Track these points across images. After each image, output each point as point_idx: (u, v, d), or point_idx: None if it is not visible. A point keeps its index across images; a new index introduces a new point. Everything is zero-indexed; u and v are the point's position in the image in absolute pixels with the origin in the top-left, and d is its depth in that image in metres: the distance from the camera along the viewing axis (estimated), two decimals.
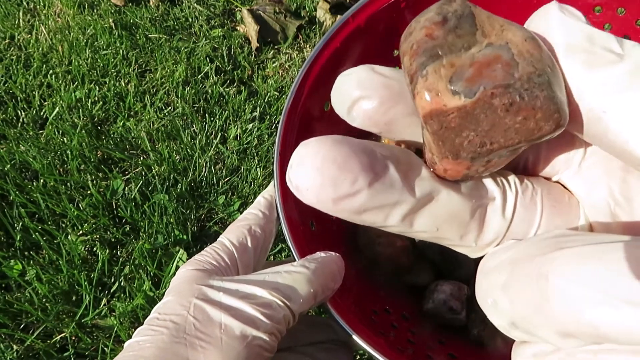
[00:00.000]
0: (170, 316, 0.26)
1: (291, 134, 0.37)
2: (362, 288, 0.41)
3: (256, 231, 0.32)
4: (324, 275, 0.29)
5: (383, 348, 0.30)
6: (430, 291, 0.43)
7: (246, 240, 0.32)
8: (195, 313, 0.26)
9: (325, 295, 0.29)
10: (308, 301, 0.28)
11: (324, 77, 0.39)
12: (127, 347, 0.26)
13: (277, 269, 0.29)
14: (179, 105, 0.84)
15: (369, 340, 0.30)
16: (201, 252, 0.31)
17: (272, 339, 0.26)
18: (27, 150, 0.78)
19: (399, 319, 0.42)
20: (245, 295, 0.27)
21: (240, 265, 0.31)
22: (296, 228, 0.34)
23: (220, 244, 0.31)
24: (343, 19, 0.39)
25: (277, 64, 0.93)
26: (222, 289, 0.27)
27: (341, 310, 0.31)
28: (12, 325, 0.62)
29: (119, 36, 0.95)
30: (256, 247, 0.32)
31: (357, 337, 0.30)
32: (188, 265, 0.30)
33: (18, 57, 0.92)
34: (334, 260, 0.30)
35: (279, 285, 0.28)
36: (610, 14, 0.43)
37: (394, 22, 0.43)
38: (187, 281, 0.28)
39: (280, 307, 0.27)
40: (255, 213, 0.34)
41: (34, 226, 0.69)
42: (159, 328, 0.25)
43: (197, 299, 0.27)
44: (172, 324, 0.25)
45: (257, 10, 0.97)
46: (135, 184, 0.74)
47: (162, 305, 0.27)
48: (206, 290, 0.27)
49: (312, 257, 0.30)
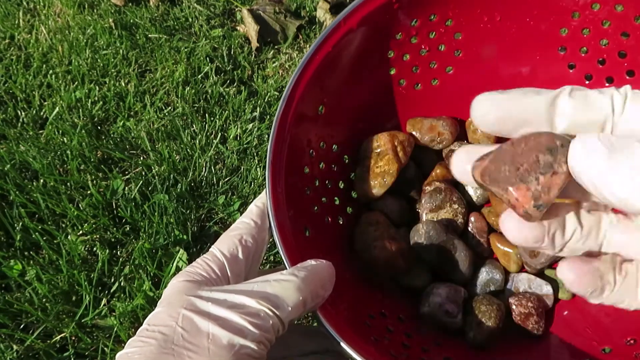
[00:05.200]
0: (159, 327, 0.26)
1: (283, 141, 0.37)
2: (358, 292, 0.41)
3: (247, 240, 0.33)
4: (314, 282, 0.29)
5: (373, 356, 0.30)
6: (427, 294, 0.43)
7: (237, 250, 0.32)
8: (184, 324, 0.26)
9: (315, 302, 0.29)
10: (297, 309, 0.28)
11: (317, 82, 0.39)
12: (117, 359, 0.26)
13: (267, 277, 0.29)
14: (179, 105, 0.85)
15: (358, 349, 0.30)
16: (192, 264, 0.31)
17: (260, 347, 0.26)
18: (27, 150, 0.78)
19: (395, 322, 0.42)
20: (234, 305, 0.27)
21: (231, 276, 0.31)
22: (288, 235, 0.34)
23: (211, 255, 0.32)
24: (335, 22, 0.39)
25: (277, 64, 0.93)
26: (211, 299, 0.28)
27: (331, 318, 0.31)
28: (12, 325, 0.62)
29: (119, 36, 0.95)
30: (247, 257, 0.32)
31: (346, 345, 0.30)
32: (179, 276, 0.30)
33: (18, 57, 0.92)
34: (324, 267, 0.31)
35: (267, 294, 0.28)
36: (608, 11, 0.42)
37: (387, 23, 0.43)
38: (177, 292, 0.29)
39: (269, 315, 0.27)
40: (247, 222, 0.34)
41: (34, 226, 0.69)
42: (148, 339, 0.26)
43: (185, 310, 0.27)
44: (161, 334, 0.26)
45: (257, 10, 0.97)
46: (135, 184, 0.74)
47: (152, 317, 0.27)
48: (195, 301, 0.27)
49: (301, 265, 0.30)
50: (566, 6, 0.43)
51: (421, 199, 0.48)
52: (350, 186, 0.48)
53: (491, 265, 0.46)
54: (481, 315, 0.42)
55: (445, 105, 0.51)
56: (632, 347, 0.39)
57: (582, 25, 0.44)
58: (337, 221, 0.45)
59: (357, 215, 0.47)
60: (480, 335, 0.42)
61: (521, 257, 0.45)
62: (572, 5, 0.43)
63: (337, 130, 0.46)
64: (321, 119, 0.43)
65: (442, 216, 0.44)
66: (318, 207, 0.42)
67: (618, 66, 0.45)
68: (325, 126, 0.44)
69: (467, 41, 0.47)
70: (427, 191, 0.47)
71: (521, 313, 0.42)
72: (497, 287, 0.45)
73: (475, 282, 0.46)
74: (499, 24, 0.46)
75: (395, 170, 0.46)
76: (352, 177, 0.48)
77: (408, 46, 0.46)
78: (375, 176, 0.46)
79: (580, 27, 0.44)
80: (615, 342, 0.40)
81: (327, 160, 0.45)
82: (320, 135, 0.43)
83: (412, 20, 0.44)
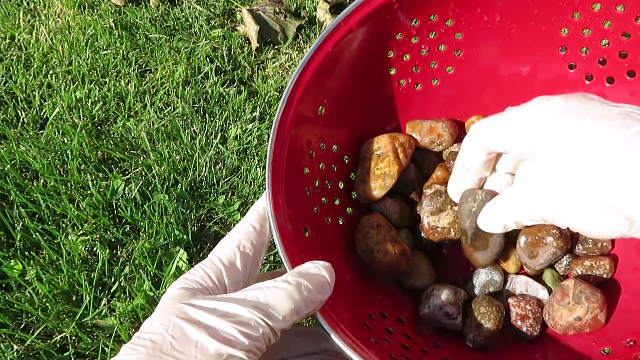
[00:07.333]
0: (150, 335, 0.27)
1: (283, 142, 0.37)
2: (358, 293, 0.41)
3: (246, 246, 0.33)
4: (309, 289, 0.29)
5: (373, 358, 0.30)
6: (426, 296, 0.43)
7: (235, 256, 0.32)
8: (174, 332, 0.27)
9: (311, 308, 0.29)
10: (289, 317, 0.28)
11: (316, 82, 0.39)
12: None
13: (260, 285, 0.29)
14: (179, 105, 0.85)
15: (358, 350, 0.30)
16: (190, 270, 0.32)
17: (250, 356, 0.26)
18: (28, 150, 0.78)
19: (395, 323, 0.42)
20: (225, 314, 0.27)
21: (228, 283, 0.31)
22: (288, 235, 0.34)
23: (209, 262, 0.32)
24: (334, 23, 0.39)
25: (277, 64, 0.93)
26: (203, 308, 0.28)
27: (331, 319, 0.31)
28: (12, 325, 0.62)
29: (119, 36, 0.95)
30: (245, 263, 0.32)
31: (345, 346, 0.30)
32: (176, 283, 0.30)
33: (18, 57, 0.93)
34: (322, 271, 0.30)
35: (259, 302, 0.28)
36: (609, 12, 0.42)
37: (387, 23, 0.43)
38: (171, 299, 0.29)
39: (260, 324, 0.27)
40: (246, 227, 0.34)
41: (34, 226, 0.69)
42: (138, 347, 0.26)
43: (177, 318, 0.27)
44: (151, 342, 0.26)
45: (257, 10, 0.97)
46: (135, 184, 0.74)
47: (147, 323, 0.28)
48: (187, 309, 0.28)
49: (298, 271, 0.30)
50: (567, 6, 0.43)
51: (422, 202, 0.48)
52: (350, 187, 0.48)
53: (491, 266, 0.46)
54: (480, 316, 0.42)
55: (446, 105, 0.51)
56: (632, 348, 0.39)
57: (582, 26, 0.44)
58: (337, 222, 0.45)
59: (357, 216, 0.47)
60: (480, 337, 0.42)
61: (520, 259, 0.45)
62: (572, 5, 0.43)
63: (337, 131, 0.46)
64: (321, 119, 0.43)
65: (443, 219, 0.44)
66: (318, 208, 0.42)
67: (618, 66, 0.45)
68: (325, 127, 0.44)
69: (467, 41, 0.47)
70: (428, 194, 0.47)
71: (518, 314, 0.42)
72: (496, 289, 0.45)
73: (475, 283, 0.46)
74: (499, 24, 0.45)
75: (395, 172, 0.46)
76: (352, 177, 0.48)
77: (408, 46, 0.46)
78: (376, 178, 0.46)
79: (581, 27, 0.44)
80: (615, 343, 0.40)
81: (327, 161, 0.45)
82: (320, 135, 0.43)
83: (412, 20, 0.44)
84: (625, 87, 0.46)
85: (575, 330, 0.41)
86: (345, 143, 0.47)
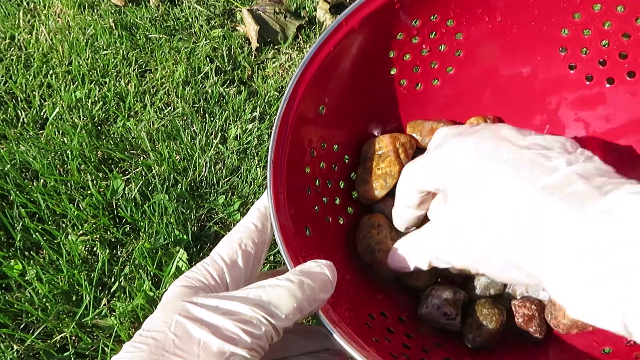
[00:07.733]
0: (152, 333, 0.27)
1: (284, 141, 0.37)
2: (359, 292, 0.41)
3: (247, 244, 0.33)
4: (311, 287, 0.29)
5: (374, 356, 0.30)
6: (425, 296, 0.43)
7: (237, 255, 0.32)
8: (176, 330, 0.27)
9: (314, 307, 0.29)
10: (292, 316, 0.28)
11: (318, 82, 0.39)
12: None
13: (262, 283, 0.29)
14: (179, 105, 0.85)
15: (359, 349, 0.30)
16: (192, 269, 0.32)
17: (252, 354, 0.26)
18: (28, 150, 0.78)
19: (396, 322, 0.42)
20: (227, 312, 0.27)
21: (230, 281, 0.31)
22: (289, 235, 0.34)
23: (211, 260, 0.32)
24: (336, 22, 0.39)
25: (277, 64, 0.93)
26: (205, 306, 0.28)
27: (332, 318, 0.31)
28: (12, 325, 0.62)
29: (119, 36, 0.96)
30: (247, 261, 0.32)
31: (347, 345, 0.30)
32: (178, 281, 0.30)
33: (18, 57, 0.92)
34: (325, 270, 0.30)
35: (261, 301, 0.28)
36: (609, 12, 0.43)
37: (388, 23, 0.43)
38: (173, 298, 0.29)
39: (262, 322, 0.27)
40: (248, 226, 0.34)
41: (34, 226, 0.69)
42: (140, 344, 0.26)
43: (179, 316, 0.27)
44: (153, 340, 0.26)
45: (257, 10, 0.97)
46: (135, 184, 0.74)
47: (148, 322, 0.28)
48: (189, 307, 0.28)
49: (300, 269, 0.30)
50: (567, 7, 0.43)
51: None
52: (351, 186, 0.48)
53: None
54: (482, 318, 0.42)
55: (446, 105, 0.51)
56: (632, 347, 0.39)
57: (583, 26, 0.44)
58: (338, 221, 0.45)
59: (358, 216, 0.47)
60: (480, 338, 0.42)
61: None
62: (573, 6, 0.43)
63: (337, 130, 0.46)
64: (322, 119, 0.43)
65: None
66: (319, 207, 0.42)
67: (619, 67, 0.45)
68: (326, 126, 0.44)
69: (468, 41, 0.47)
70: None
71: (524, 315, 0.42)
72: (496, 291, 0.45)
73: (476, 284, 0.46)
74: (500, 24, 0.46)
75: (396, 172, 0.46)
76: (353, 177, 0.48)
77: (409, 46, 0.46)
78: (377, 178, 0.46)
79: (582, 27, 0.44)
80: (616, 343, 0.40)
81: (328, 160, 0.45)
82: (321, 135, 0.43)
83: (413, 20, 0.44)
84: (626, 87, 0.46)
85: (578, 329, 0.41)
86: (346, 143, 0.47)
